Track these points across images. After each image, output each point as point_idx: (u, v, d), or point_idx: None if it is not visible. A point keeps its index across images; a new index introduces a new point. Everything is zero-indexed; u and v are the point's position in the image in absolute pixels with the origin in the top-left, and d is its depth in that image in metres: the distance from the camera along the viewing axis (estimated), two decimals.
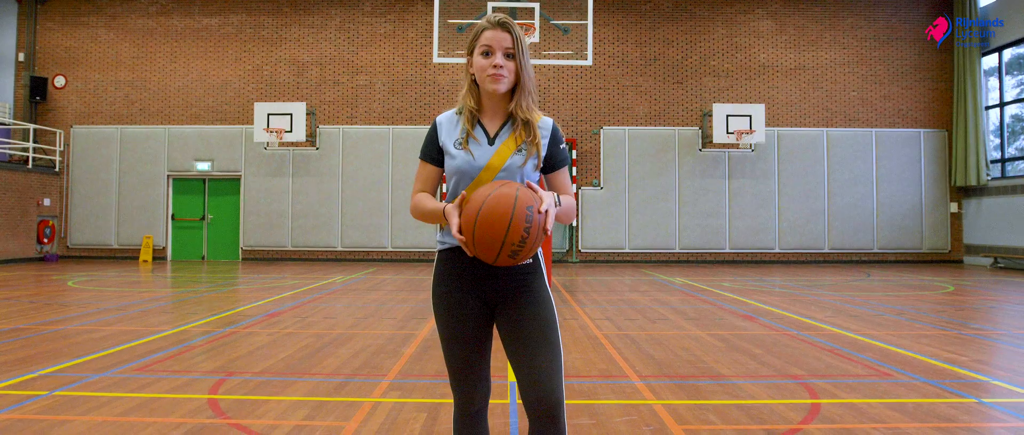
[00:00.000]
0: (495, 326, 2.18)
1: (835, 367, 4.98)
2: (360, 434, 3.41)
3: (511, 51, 2.13)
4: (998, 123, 16.89)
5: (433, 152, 2.22)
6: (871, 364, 5.07)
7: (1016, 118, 16.87)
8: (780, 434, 3.42)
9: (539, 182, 2.20)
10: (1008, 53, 16.64)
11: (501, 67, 2.12)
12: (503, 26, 2.13)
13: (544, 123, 2.23)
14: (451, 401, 3.82)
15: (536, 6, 10.48)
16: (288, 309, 8.13)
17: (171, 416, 3.69)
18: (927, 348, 5.68)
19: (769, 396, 4.16)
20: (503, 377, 4.52)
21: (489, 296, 2.16)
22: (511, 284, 2.14)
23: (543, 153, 2.19)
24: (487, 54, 2.14)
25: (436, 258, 2.25)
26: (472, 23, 11.24)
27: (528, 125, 2.17)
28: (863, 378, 4.64)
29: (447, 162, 2.19)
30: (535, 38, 10.56)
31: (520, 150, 2.15)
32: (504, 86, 2.14)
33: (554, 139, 2.23)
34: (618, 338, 6.19)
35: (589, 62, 12.05)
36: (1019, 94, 16.55)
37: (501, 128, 2.20)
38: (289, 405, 3.94)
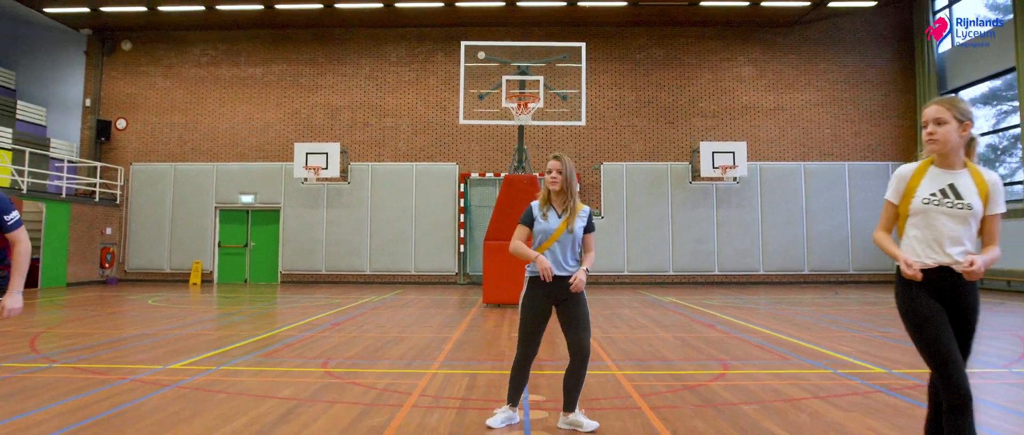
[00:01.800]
0: (555, 313, 4.22)
1: (753, 355, 7.00)
2: (430, 386, 5.46)
3: (561, 169, 4.20)
4: None
5: (529, 220, 4.26)
6: (779, 353, 7.09)
7: (991, 147, 18.77)
8: (691, 386, 5.45)
9: (584, 239, 4.28)
10: (967, 93, 18.67)
11: (557, 178, 4.20)
12: (557, 158, 4.23)
13: (584, 210, 4.32)
14: (484, 372, 5.90)
15: (541, 79, 12.66)
16: (344, 320, 10.20)
17: (307, 378, 5.76)
18: (829, 343, 7.68)
19: (695, 369, 6.19)
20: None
21: (554, 299, 4.20)
22: (565, 293, 4.18)
23: (581, 223, 4.26)
24: (550, 172, 4.24)
25: (527, 280, 4.27)
26: (491, 91, 13.49)
27: (573, 210, 4.26)
28: (767, 360, 6.67)
29: (536, 225, 4.24)
30: (540, 104, 12.70)
31: (568, 226, 4.22)
32: (557, 187, 4.22)
33: (589, 217, 4.34)
34: (603, 339, 8.21)
35: (582, 123, 14.18)
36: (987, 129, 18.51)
37: (562, 211, 4.27)
38: (378, 374, 6.00)
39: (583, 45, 13.64)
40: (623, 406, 4.85)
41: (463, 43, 13.64)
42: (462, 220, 19.38)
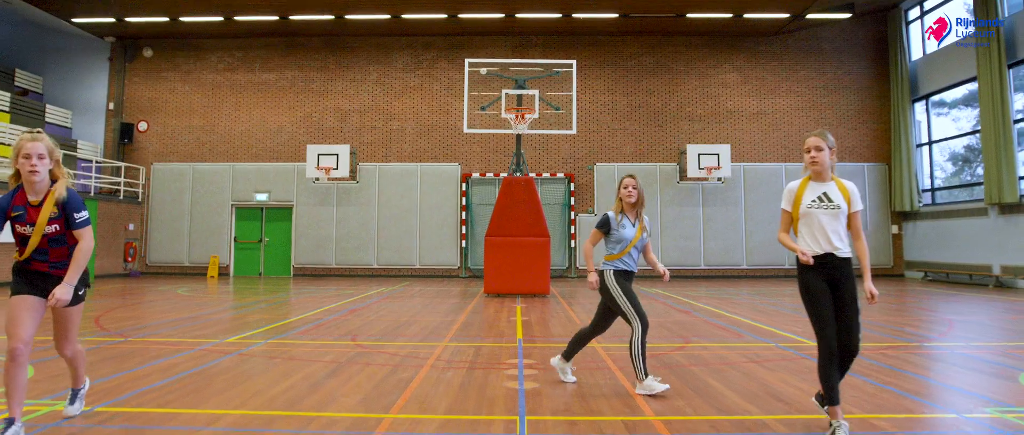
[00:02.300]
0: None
1: (713, 334, 8.28)
2: (443, 354, 6.72)
3: (636, 186, 5.36)
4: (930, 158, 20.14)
5: (606, 228, 5.42)
6: (736, 331, 8.36)
7: (969, 148, 19.99)
8: (656, 354, 6.72)
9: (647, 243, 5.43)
10: (941, 97, 19.93)
11: (633, 192, 5.34)
12: (632, 176, 5.39)
13: (646, 220, 5.43)
14: (487, 345, 7.19)
15: (536, 92, 13.95)
16: (361, 307, 11.47)
17: (341, 348, 7.02)
18: (780, 325, 8.95)
19: (661, 342, 7.46)
20: (512, 338, 7.84)
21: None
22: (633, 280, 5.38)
23: (647, 230, 5.40)
24: (627, 188, 5.35)
25: (612, 271, 5.27)
26: (492, 104, 14.78)
27: (641, 219, 5.39)
28: (723, 337, 7.94)
29: (613, 232, 5.36)
30: (535, 115, 13.96)
31: (643, 232, 5.37)
32: (633, 200, 5.34)
33: (648, 225, 5.45)
34: (587, 321, 9.46)
35: (573, 132, 15.51)
36: (959, 130, 19.78)
37: (635, 220, 5.40)
38: (399, 346, 7.26)
39: (574, 62, 14.93)
40: (597, 367, 6.13)
41: (467, 61, 14.94)
42: (463, 217, 20.65)
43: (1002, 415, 4.49)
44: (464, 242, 20.63)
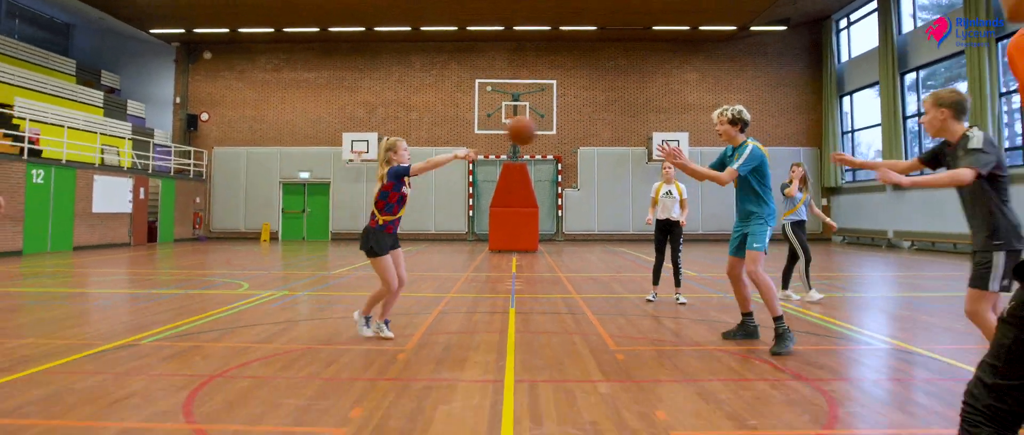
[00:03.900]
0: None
1: (642, 271, 12.89)
2: (468, 277, 11.34)
3: (803, 174, 9.92)
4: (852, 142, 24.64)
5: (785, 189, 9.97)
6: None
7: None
8: (597, 280, 11.33)
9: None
10: (862, 95, 24.38)
11: (798, 174, 9.93)
12: (798, 164, 9.83)
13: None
14: (494, 275, 11.90)
15: (527, 104, 18.49)
16: None
17: (409, 275, 11.63)
18: (697, 269, 13.56)
19: (603, 275, 12.08)
20: (509, 272, 12.51)
21: None
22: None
23: (810, 193, 9.71)
24: (793, 171, 9.84)
25: (791, 223, 9.66)
26: (498, 110, 19.27)
27: (806, 187, 9.87)
28: (646, 274, 12.56)
29: (795, 196, 9.87)
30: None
31: (806, 195, 9.90)
32: (801, 177, 9.92)
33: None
34: (565, 268, 14.10)
35: (553, 132, 20.00)
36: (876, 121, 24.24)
37: (802, 189, 9.92)
38: (440, 275, 11.88)
39: (555, 82, 19.47)
40: (556, 282, 10.76)
41: (477, 81, 19.44)
42: (470, 192, 25.20)
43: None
44: (471, 212, 25.21)
